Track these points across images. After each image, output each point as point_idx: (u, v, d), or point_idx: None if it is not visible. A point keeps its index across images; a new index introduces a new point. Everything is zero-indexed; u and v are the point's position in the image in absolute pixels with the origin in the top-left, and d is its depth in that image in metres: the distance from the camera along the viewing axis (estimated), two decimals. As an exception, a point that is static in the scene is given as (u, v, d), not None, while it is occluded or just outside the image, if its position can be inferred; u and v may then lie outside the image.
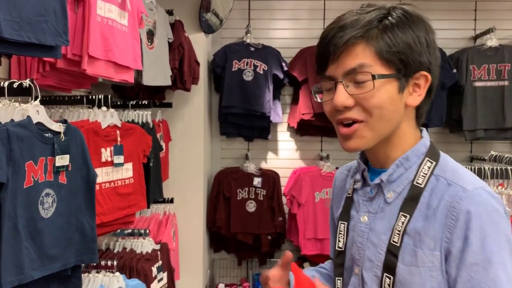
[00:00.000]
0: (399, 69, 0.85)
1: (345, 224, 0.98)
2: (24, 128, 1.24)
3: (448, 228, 0.82)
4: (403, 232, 0.86)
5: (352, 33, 0.83)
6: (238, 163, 3.56)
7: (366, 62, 0.83)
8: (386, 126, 0.87)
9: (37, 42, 1.28)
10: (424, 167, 0.89)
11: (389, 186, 0.91)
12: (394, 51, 0.84)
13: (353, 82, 0.85)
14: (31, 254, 1.24)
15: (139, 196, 1.99)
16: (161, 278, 2.34)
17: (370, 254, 0.90)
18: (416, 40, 0.85)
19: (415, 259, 0.84)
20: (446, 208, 0.83)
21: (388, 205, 0.90)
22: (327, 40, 0.87)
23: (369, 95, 0.84)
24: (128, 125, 1.97)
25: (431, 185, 0.87)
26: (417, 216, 0.86)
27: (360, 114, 0.85)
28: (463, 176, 0.87)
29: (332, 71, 0.87)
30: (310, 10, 3.57)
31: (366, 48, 0.84)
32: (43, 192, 1.30)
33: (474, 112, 3.21)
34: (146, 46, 2.29)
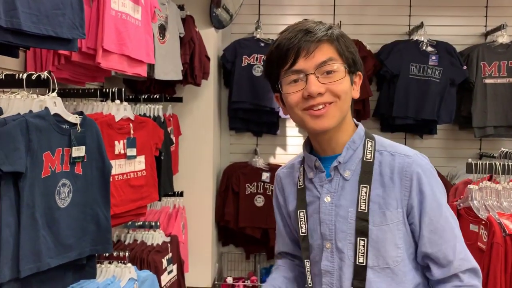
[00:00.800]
0: (350, 66, 1.06)
1: (304, 212, 1.13)
2: (42, 119, 1.26)
3: (405, 188, 1.04)
4: (367, 199, 1.05)
5: (321, 34, 1.03)
6: (247, 158, 3.58)
7: (334, 57, 1.04)
8: (347, 109, 1.07)
9: (54, 35, 1.31)
10: (367, 146, 1.09)
11: (344, 166, 1.09)
12: (349, 51, 1.06)
13: (321, 74, 1.02)
14: (48, 243, 1.27)
15: (151, 188, 2.01)
16: (171, 270, 2.37)
17: (342, 226, 1.07)
18: (355, 47, 1.09)
19: (384, 219, 1.04)
20: (400, 173, 1.05)
21: (347, 182, 1.08)
22: (296, 39, 1.03)
23: (339, 82, 1.03)
24: (141, 118, 1.99)
25: (378, 158, 1.08)
26: (376, 185, 1.06)
27: (330, 97, 1.03)
28: (400, 147, 1.10)
29: (303, 65, 1.03)
30: (320, 6, 3.57)
31: (331, 47, 1.04)
32: (59, 182, 1.32)
33: (484, 109, 3.20)
34: (158, 41, 2.31)
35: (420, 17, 3.40)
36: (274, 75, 1.09)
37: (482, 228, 1.64)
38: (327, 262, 1.10)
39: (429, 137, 3.52)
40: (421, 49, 3.22)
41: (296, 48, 1.03)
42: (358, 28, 3.47)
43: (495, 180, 1.90)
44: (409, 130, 3.48)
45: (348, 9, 3.55)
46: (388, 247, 1.04)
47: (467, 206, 1.78)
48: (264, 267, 3.63)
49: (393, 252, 1.05)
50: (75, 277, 1.44)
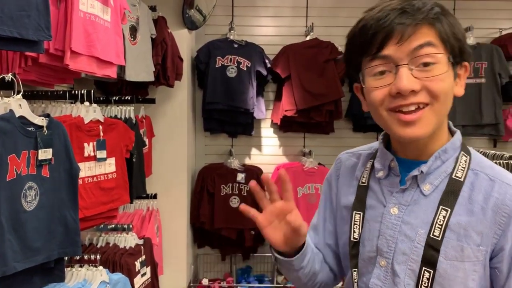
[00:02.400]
0: (455, 56, 0.84)
1: (360, 214, 0.95)
2: (7, 121, 1.25)
3: (499, 225, 0.84)
4: (445, 226, 0.85)
5: (421, 15, 0.81)
6: (222, 159, 3.59)
7: (434, 42, 0.82)
8: (445, 113, 0.87)
9: (19, 37, 1.29)
10: (461, 160, 0.89)
11: (426, 178, 0.89)
12: (455, 37, 0.83)
13: (416, 65, 0.82)
14: (14, 246, 1.26)
15: (122, 191, 2.00)
16: (144, 272, 2.36)
17: (405, 247, 0.89)
18: (463, 32, 0.86)
19: (460, 254, 0.85)
20: (496, 205, 0.84)
21: (425, 198, 0.89)
22: (388, 20, 0.82)
23: (439, 78, 0.82)
24: (111, 120, 1.98)
25: (470, 179, 0.87)
26: (459, 210, 0.86)
27: (426, 97, 0.82)
28: (503, 173, 0.89)
29: (393, 52, 0.82)
30: (293, 7, 3.61)
31: (431, 30, 0.82)
32: (25, 185, 1.31)
33: (452, 109, 3.27)
34: (129, 42, 2.30)
35: (390, 19, 3.46)
36: (355, 63, 0.89)
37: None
38: (378, 281, 0.93)
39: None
40: (391, 50, 3.28)
41: (387, 31, 0.82)
42: (330, 30, 3.52)
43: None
44: (380, 130, 3.49)
45: (321, 11, 3.60)
46: (456, 286, 0.86)
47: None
48: (240, 267, 3.65)
49: None
50: (43, 281, 1.42)
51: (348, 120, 3.60)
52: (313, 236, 1.10)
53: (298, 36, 3.53)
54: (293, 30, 3.59)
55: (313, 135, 3.61)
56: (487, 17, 3.56)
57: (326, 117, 3.37)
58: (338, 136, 3.58)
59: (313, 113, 3.35)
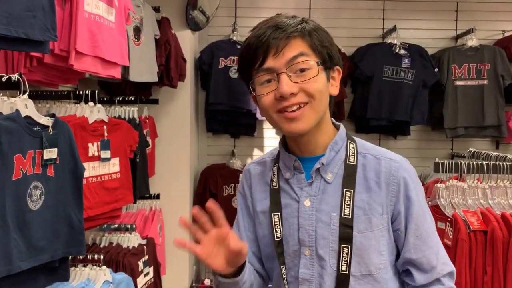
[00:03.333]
0: (326, 61, 0.99)
1: (278, 215, 1.05)
2: (13, 121, 1.26)
3: (392, 193, 1.01)
4: (352, 204, 0.99)
5: (291, 30, 0.96)
6: (224, 159, 3.59)
7: (306, 51, 0.97)
8: (323, 109, 1.01)
9: (25, 37, 1.30)
10: (350, 148, 1.04)
11: (326, 168, 1.03)
12: (324, 45, 0.99)
13: (293, 72, 0.96)
14: (20, 245, 1.26)
15: (126, 191, 2.01)
16: (147, 272, 2.37)
17: (324, 232, 1.01)
18: (331, 40, 1.02)
19: (369, 225, 1.00)
20: (387, 178, 1.01)
21: (329, 185, 1.02)
22: (265, 37, 0.97)
23: (312, 81, 0.96)
24: (115, 121, 1.99)
25: (360, 161, 1.03)
26: (359, 189, 1.01)
27: (304, 97, 0.96)
28: (383, 151, 1.06)
29: (272, 63, 0.96)
30: (296, 9, 3.61)
31: (302, 42, 0.97)
32: (31, 185, 1.32)
33: (455, 111, 3.29)
34: (133, 43, 2.31)
35: (393, 20, 3.47)
36: (246, 75, 1.03)
37: (448, 225, 1.70)
38: (306, 270, 1.03)
39: (403, 138, 3.60)
40: (394, 52, 3.29)
41: (265, 46, 0.96)
42: (332, 31, 3.43)
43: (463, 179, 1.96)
44: (383, 131, 3.55)
45: (323, 12, 3.60)
46: (371, 254, 1.00)
47: (434, 204, 1.83)
48: None
49: (376, 259, 1.01)
50: (48, 280, 1.43)
51: (351, 122, 3.60)
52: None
53: (301, 37, 3.53)
54: (296, 31, 3.59)
55: (316, 136, 3.61)
56: (490, 19, 3.55)
57: (328, 118, 3.38)
58: (341, 137, 3.58)
59: (315, 114, 3.35)
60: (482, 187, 1.90)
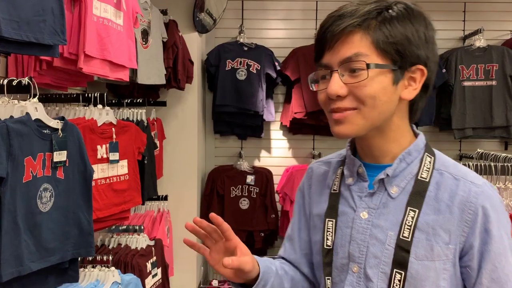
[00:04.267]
0: (395, 60, 0.84)
1: (333, 222, 0.95)
2: (23, 124, 1.28)
3: (466, 222, 0.85)
4: (413, 227, 0.86)
5: (350, 22, 0.83)
6: (232, 161, 3.60)
7: (362, 51, 0.83)
8: (378, 117, 0.87)
9: (35, 41, 1.32)
10: (425, 161, 0.90)
11: (392, 181, 0.90)
12: (391, 42, 0.83)
13: (348, 71, 0.84)
14: (30, 247, 1.28)
15: (134, 192, 2.03)
16: (155, 273, 2.38)
17: (376, 251, 0.89)
18: (415, 34, 0.85)
19: (430, 253, 0.85)
20: (462, 203, 0.85)
21: (393, 200, 0.89)
22: (324, 28, 0.86)
23: (362, 84, 0.83)
24: (123, 123, 2.00)
25: (435, 179, 0.89)
26: (426, 210, 0.87)
27: (353, 103, 0.85)
28: (466, 171, 0.90)
29: (328, 59, 0.87)
30: (303, 10, 3.62)
31: (363, 37, 0.83)
32: (41, 187, 1.33)
33: (463, 111, 3.27)
34: (140, 45, 2.33)
35: (400, 21, 3.46)
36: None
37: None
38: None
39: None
40: (401, 52, 3.28)
41: (323, 40, 0.87)
42: (340, 32, 3.52)
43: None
44: (390, 132, 3.54)
45: (330, 13, 3.60)
46: (428, 287, 0.86)
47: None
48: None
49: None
50: (58, 281, 1.45)
51: (358, 123, 3.60)
52: (288, 247, 1.10)
53: (307, 39, 3.53)
54: (302, 33, 3.59)
55: (323, 137, 3.61)
56: (498, 19, 3.54)
57: (335, 120, 3.38)
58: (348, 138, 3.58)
59: (322, 116, 3.35)
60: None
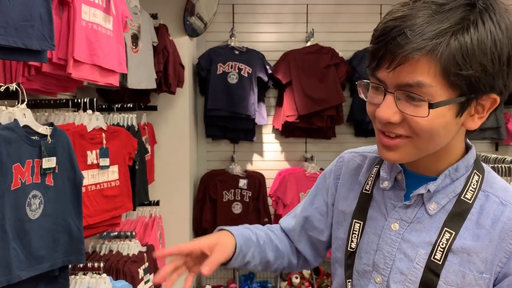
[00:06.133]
0: (464, 92, 0.72)
1: (360, 224, 0.90)
2: (11, 131, 1.26)
3: (505, 252, 0.78)
4: (447, 249, 0.79)
5: (417, 46, 0.69)
6: (224, 165, 3.60)
7: (426, 81, 0.70)
8: (434, 148, 0.79)
9: (23, 47, 1.30)
10: (473, 180, 0.82)
11: (433, 196, 0.83)
12: (463, 74, 0.70)
13: (405, 96, 0.73)
14: (19, 255, 1.26)
15: (125, 198, 2.01)
16: (147, 280, 2.36)
17: (403, 267, 0.83)
18: (496, 60, 0.71)
19: (461, 280, 0.79)
20: (504, 231, 0.79)
21: (429, 217, 0.82)
22: (387, 38, 0.72)
23: (421, 120, 0.73)
24: (113, 128, 1.99)
25: (480, 201, 0.81)
26: (464, 234, 0.80)
27: (406, 131, 0.76)
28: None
29: (385, 77, 0.74)
30: (294, 14, 3.63)
31: (430, 65, 0.70)
32: (30, 194, 1.32)
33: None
34: (131, 50, 2.32)
35: (390, 24, 3.48)
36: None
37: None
38: None
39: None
40: (391, 55, 3.30)
41: (382, 50, 0.73)
42: (330, 35, 3.54)
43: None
44: (382, 135, 3.55)
45: (321, 17, 3.62)
46: None
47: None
48: (243, 274, 3.64)
49: None
50: (48, 288, 1.43)
51: (350, 125, 3.61)
52: (289, 221, 1.08)
53: (298, 42, 3.55)
54: (293, 36, 3.60)
55: (315, 140, 3.62)
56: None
57: (327, 122, 3.39)
58: (340, 141, 3.59)
59: (314, 119, 3.36)
60: (481, 190, 1.89)
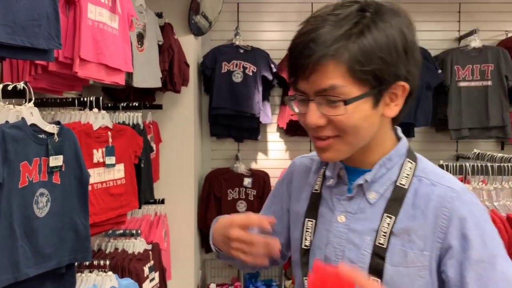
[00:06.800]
0: (373, 85, 0.80)
1: (312, 222, 0.94)
2: (19, 129, 1.27)
3: (440, 228, 0.83)
4: (389, 233, 0.85)
5: (321, 52, 0.78)
6: (229, 163, 3.60)
7: (338, 83, 0.78)
8: (362, 140, 0.86)
9: (30, 46, 1.31)
10: (406, 167, 0.89)
11: (371, 186, 0.89)
12: (367, 70, 0.78)
13: (325, 101, 0.80)
14: (27, 253, 1.27)
15: (131, 197, 2.02)
16: (153, 277, 2.37)
17: (352, 256, 0.88)
18: (393, 51, 0.80)
19: (404, 260, 0.84)
20: (436, 208, 0.84)
21: (371, 206, 0.88)
22: (296, 53, 0.81)
23: (342, 117, 0.80)
24: (119, 127, 2.00)
25: (414, 185, 0.87)
26: (403, 217, 0.85)
27: (333, 131, 0.83)
28: (445, 177, 0.89)
29: (304, 87, 0.82)
30: (298, 12, 3.62)
31: (337, 67, 0.78)
32: (37, 192, 1.33)
33: (459, 112, 3.29)
34: (136, 49, 2.32)
35: (396, 22, 3.47)
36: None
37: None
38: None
39: (408, 140, 3.55)
40: (397, 54, 3.29)
41: (295, 64, 0.82)
42: (335, 34, 3.52)
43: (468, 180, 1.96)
44: (387, 134, 3.54)
45: (326, 15, 3.60)
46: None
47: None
48: (248, 272, 3.65)
49: None
50: (54, 286, 1.44)
51: (354, 124, 3.60)
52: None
53: (303, 41, 3.53)
54: (298, 34, 3.59)
55: (320, 139, 3.61)
56: (493, 20, 3.55)
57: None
58: (345, 140, 3.58)
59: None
60: (487, 189, 1.89)
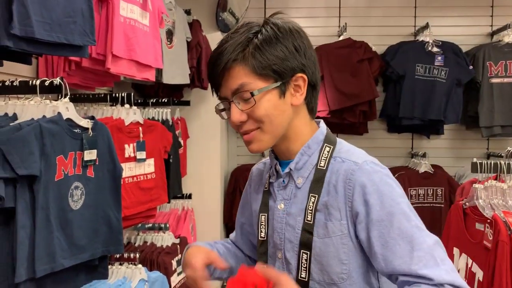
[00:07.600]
0: (276, 78, 0.96)
1: (265, 216, 1.08)
2: (55, 123, 1.30)
3: (348, 198, 0.96)
4: (314, 210, 0.98)
5: (227, 58, 0.95)
6: (254, 160, 3.60)
7: (245, 81, 0.95)
8: (278, 128, 0.99)
9: (66, 42, 1.35)
10: (324, 151, 1.02)
11: (297, 173, 1.03)
12: (265, 66, 0.95)
13: (241, 99, 0.96)
14: (62, 244, 1.31)
15: (161, 191, 2.05)
16: (180, 271, 2.40)
17: (290, 236, 1.02)
18: (285, 50, 0.97)
19: (326, 231, 0.97)
20: (343, 181, 0.97)
21: (299, 190, 1.02)
22: (211, 66, 0.98)
23: (254, 109, 0.96)
24: (150, 122, 2.03)
25: (331, 166, 1.00)
26: (323, 194, 0.99)
27: (254, 124, 0.98)
28: (354, 154, 1.01)
29: (224, 93, 0.98)
30: (326, 8, 3.59)
31: (242, 69, 0.95)
32: (72, 185, 1.36)
33: (491, 109, 3.20)
34: (165, 46, 2.35)
35: (426, 18, 3.41)
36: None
37: (487, 226, 1.65)
38: None
39: (436, 137, 3.52)
40: (426, 49, 3.23)
41: (212, 76, 0.99)
42: (363, 29, 3.48)
43: (502, 179, 1.91)
44: (416, 131, 3.49)
45: (354, 11, 3.57)
46: (331, 261, 0.97)
47: (472, 205, 1.79)
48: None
49: (337, 267, 0.97)
50: (88, 277, 1.47)
51: (383, 121, 3.56)
52: (239, 233, 1.26)
53: (331, 37, 3.50)
54: (326, 30, 3.57)
55: (347, 136, 3.57)
56: (527, 14, 3.44)
57: (359, 118, 3.34)
58: (372, 137, 3.54)
59: (346, 114, 3.32)
60: (522, 188, 1.84)
